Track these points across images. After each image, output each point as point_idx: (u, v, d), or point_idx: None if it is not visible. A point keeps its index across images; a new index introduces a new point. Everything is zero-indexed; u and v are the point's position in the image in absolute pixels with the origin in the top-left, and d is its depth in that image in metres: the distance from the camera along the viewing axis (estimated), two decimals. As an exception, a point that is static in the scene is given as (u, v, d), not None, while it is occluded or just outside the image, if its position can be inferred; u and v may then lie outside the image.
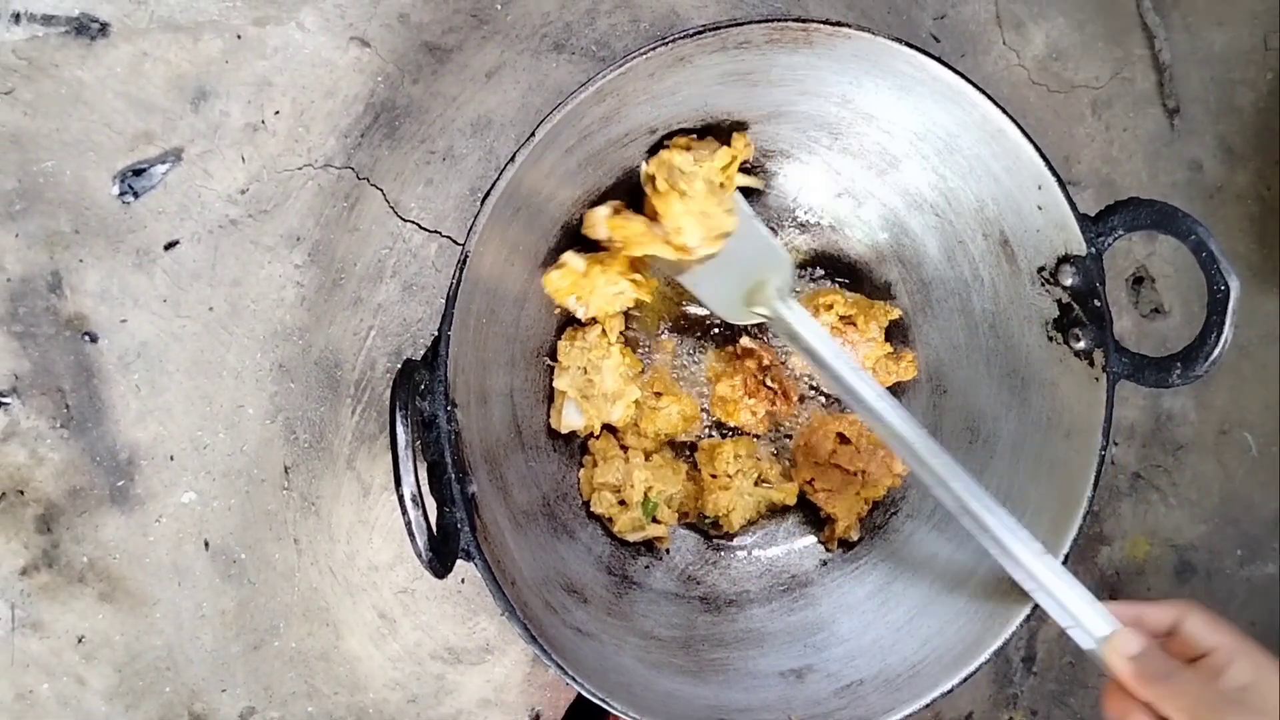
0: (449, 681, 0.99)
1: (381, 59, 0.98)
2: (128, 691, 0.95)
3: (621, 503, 0.93)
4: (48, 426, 0.93)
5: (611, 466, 0.93)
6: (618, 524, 0.93)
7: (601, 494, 0.93)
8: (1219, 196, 1.18)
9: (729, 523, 0.95)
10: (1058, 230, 0.80)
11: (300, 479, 0.97)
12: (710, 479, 0.95)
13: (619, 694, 0.75)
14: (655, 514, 0.93)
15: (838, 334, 0.95)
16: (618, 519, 0.93)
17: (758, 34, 0.77)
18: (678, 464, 0.96)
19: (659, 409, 0.94)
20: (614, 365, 0.90)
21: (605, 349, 0.90)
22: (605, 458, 0.93)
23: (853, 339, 0.95)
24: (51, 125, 0.93)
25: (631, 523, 0.92)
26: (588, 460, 0.95)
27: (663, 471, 0.93)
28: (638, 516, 0.92)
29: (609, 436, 0.95)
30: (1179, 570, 1.17)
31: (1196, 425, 1.18)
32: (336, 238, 0.97)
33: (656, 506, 0.93)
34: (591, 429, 0.93)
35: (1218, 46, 1.18)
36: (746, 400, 0.95)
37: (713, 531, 0.98)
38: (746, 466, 0.95)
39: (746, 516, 0.96)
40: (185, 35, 0.95)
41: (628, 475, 0.92)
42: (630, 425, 0.94)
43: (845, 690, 0.84)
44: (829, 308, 0.95)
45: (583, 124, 0.79)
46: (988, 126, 0.80)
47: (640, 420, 0.94)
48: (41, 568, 0.93)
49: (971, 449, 0.93)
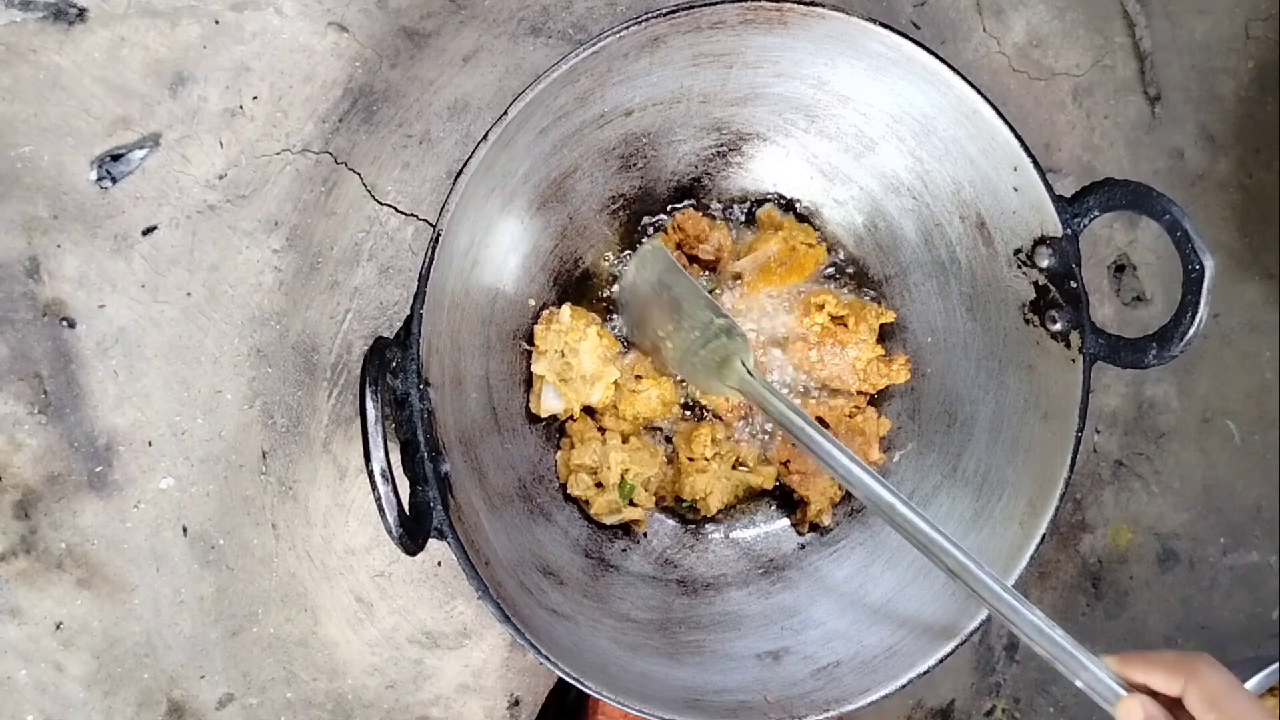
0: (427, 666, 0.99)
1: (359, 44, 0.98)
2: (106, 678, 0.95)
3: (599, 485, 0.93)
4: (25, 412, 0.93)
5: (589, 449, 0.92)
6: (594, 506, 0.93)
7: (578, 476, 0.92)
8: (1200, 184, 1.18)
9: (706, 506, 0.95)
10: (1034, 212, 0.81)
11: (278, 464, 0.96)
12: (688, 462, 0.95)
13: (594, 675, 0.75)
14: (632, 496, 0.93)
15: (828, 335, 0.95)
16: (594, 501, 0.93)
17: (732, 14, 0.77)
18: (655, 447, 0.96)
19: (639, 392, 0.94)
20: (591, 347, 0.90)
21: (582, 331, 0.90)
22: (583, 440, 0.93)
23: (843, 339, 0.95)
24: (29, 110, 0.93)
25: (608, 505, 0.92)
26: (565, 442, 0.95)
27: (640, 454, 0.93)
28: (614, 499, 0.92)
29: (586, 419, 0.95)
30: (1161, 558, 1.17)
31: (1179, 413, 1.18)
32: (314, 222, 0.97)
33: (634, 489, 0.93)
34: (570, 411, 0.93)
35: (1199, 34, 1.18)
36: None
37: (690, 515, 0.98)
38: (724, 450, 0.95)
39: (724, 500, 0.96)
40: (163, 20, 0.95)
41: (604, 457, 0.92)
42: (609, 407, 0.94)
43: (821, 672, 0.84)
44: (820, 308, 0.95)
45: (556, 104, 0.79)
46: (963, 108, 0.81)
47: (619, 403, 0.94)
48: (19, 554, 0.93)
49: (950, 432, 0.93)
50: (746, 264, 0.95)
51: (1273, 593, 1.21)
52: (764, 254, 0.95)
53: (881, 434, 0.96)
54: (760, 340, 0.97)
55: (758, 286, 0.96)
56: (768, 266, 0.95)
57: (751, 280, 0.96)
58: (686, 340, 0.90)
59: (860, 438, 0.95)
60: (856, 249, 0.98)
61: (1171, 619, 1.18)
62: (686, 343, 0.90)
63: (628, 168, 0.93)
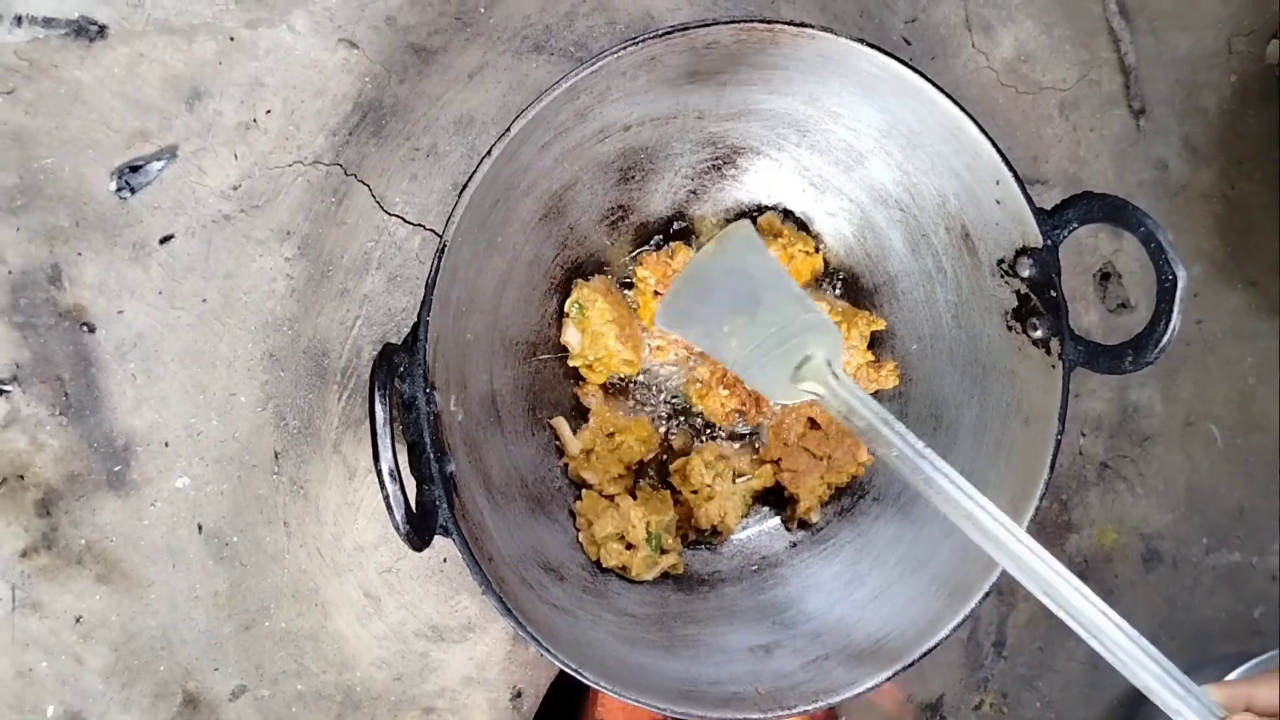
0: (433, 659, 1.02)
1: (369, 60, 1.02)
2: (124, 670, 0.98)
3: (629, 546, 0.95)
4: (47, 414, 0.96)
5: (607, 518, 0.95)
6: (634, 569, 0.95)
7: (608, 546, 0.95)
8: (1184, 195, 1.21)
9: (726, 527, 0.98)
10: (1015, 224, 0.84)
11: (289, 464, 1.00)
12: (692, 495, 0.97)
13: (593, 667, 0.78)
14: (662, 544, 0.95)
15: None
16: (632, 564, 0.95)
17: (725, 35, 0.80)
18: (662, 493, 0.99)
19: (619, 446, 0.97)
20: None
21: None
22: (597, 513, 0.96)
23: None
24: (51, 124, 0.96)
25: (645, 562, 0.95)
26: (581, 523, 0.97)
27: (652, 503, 0.96)
28: (648, 554, 0.94)
29: (590, 494, 0.98)
30: (1146, 558, 1.20)
31: (1163, 417, 1.21)
32: (325, 231, 1.00)
33: (660, 537, 0.95)
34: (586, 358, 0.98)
35: (1182, 50, 1.21)
36: (720, 390, 0.98)
37: (715, 540, 1.01)
38: (721, 469, 0.98)
39: (740, 514, 0.99)
40: (180, 37, 0.98)
41: (625, 518, 0.94)
42: (605, 477, 0.97)
43: (811, 664, 0.87)
44: (815, 313, 0.98)
45: (558, 120, 0.82)
46: (948, 124, 0.83)
47: (608, 468, 0.97)
48: (41, 550, 0.96)
49: (935, 434, 0.96)
50: None
51: (1254, 591, 1.24)
52: None
53: (870, 436, 0.99)
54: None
55: None
56: None
57: None
58: (760, 335, 0.83)
59: (850, 439, 0.98)
60: (846, 258, 1.01)
61: (1156, 617, 1.21)
62: (759, 338, 0.83)
63: (626, 180, 0.96)
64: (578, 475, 0.98)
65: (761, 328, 0.83)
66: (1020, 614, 1.16)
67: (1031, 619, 1.17)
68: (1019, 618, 1.17)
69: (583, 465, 0.97)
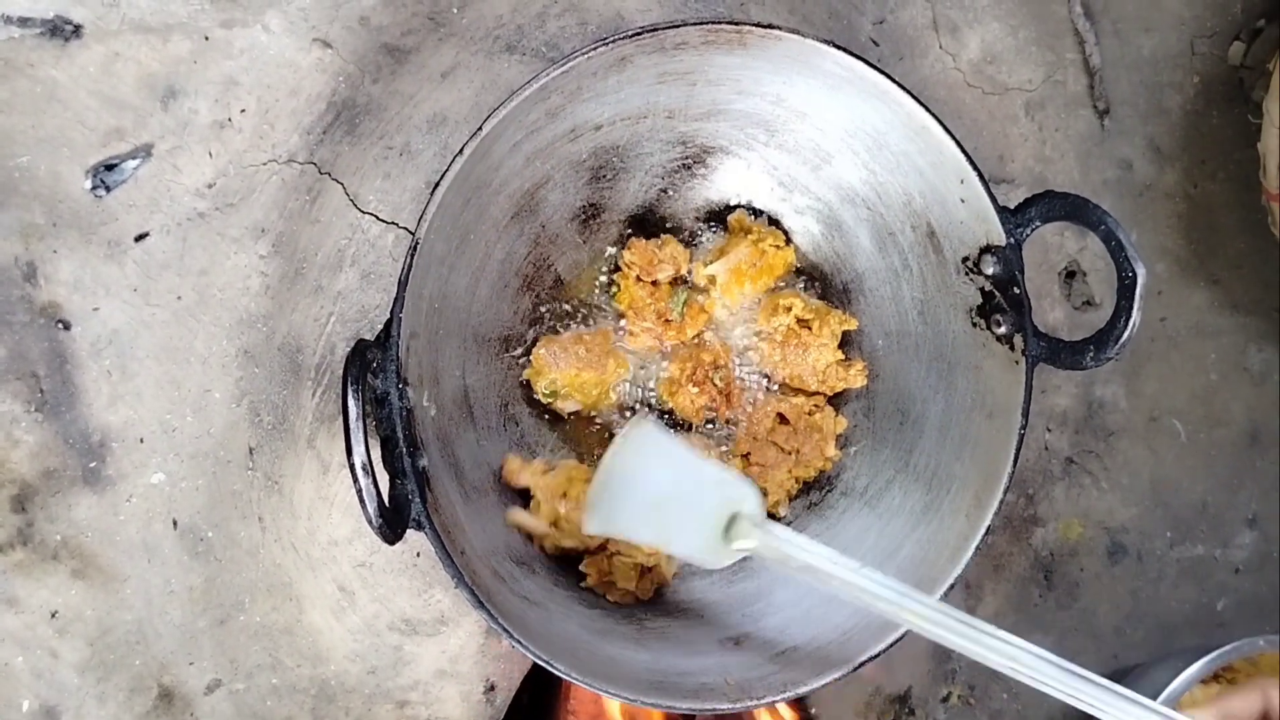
0: (406, 653, 1.03)
1: (343, 60, 1.02)
2: (99, 664, 0.98)
3: (648, 570, 0.96)
4: (22, 410, 0.96)
5: (625, 565, 0.95)
6: (639, 589, 0.96)
7: (625, 572, 0.95)
8: (1148, 194, 1.23)
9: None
10: (979, 222, 0.85)
11: (264, 459, 1.00)
12: None
13: (564, 658, 0.79)
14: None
15: (793, 336, 0.99)
16: (640, 585, 0.96)
17: (694, 36, 0.81)
18: None
19: (580, 497, 0.93)
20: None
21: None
22: (613, 557, 0.96)
23: (806, 341, 0.99)
24: (27, 122, 0.96)
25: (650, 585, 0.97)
26: (593, 577, 0.96)
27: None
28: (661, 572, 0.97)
29: (592, 559, 0.97)
30: (1111, 551, 1.22)
31: (1127, 413, 1.23)
32: (299, 229, 1.01)
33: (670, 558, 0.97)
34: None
35: (1146, 51, 1.23)
36: (690, 388, 0.99)
37: None
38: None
39: None
40: (155, 36, 0.99)
41: (636, 549, 0.94)
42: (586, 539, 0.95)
43: (780, 656, 0.88)
44: (787, 309, 1.00)
45: (529, 119, 0.83)
46: (913, 124, 0.85)
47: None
48: (16, 546, 0.96)
49: (902, 429, 0.97)
50: (719, 268, 0.99)
51: (1218, 584, 1.26)
52: (735, 257, 0.99)
53: (838, 431, 1.01)
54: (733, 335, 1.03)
55: (731, 290, 1.00)
56: (739, 269, 0.99)
57: (726, 284, 1.00)
58: (684, 513, 0.80)
59: (818, 434, 0.99)
60: (814, 255, 1.03)
61: (1121, 610, 1.23)
62: (684, 517, 0.80)
63: (597, 179, 0.98)
64: (558, 549, 0.96)
65: (685, 507, 0.80)
66: (987, 606, 1.18)
67: (998, 611, 1.19)
68: (986, 610, 1.18)
69: (560, 538, 0.94)
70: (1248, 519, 1.27)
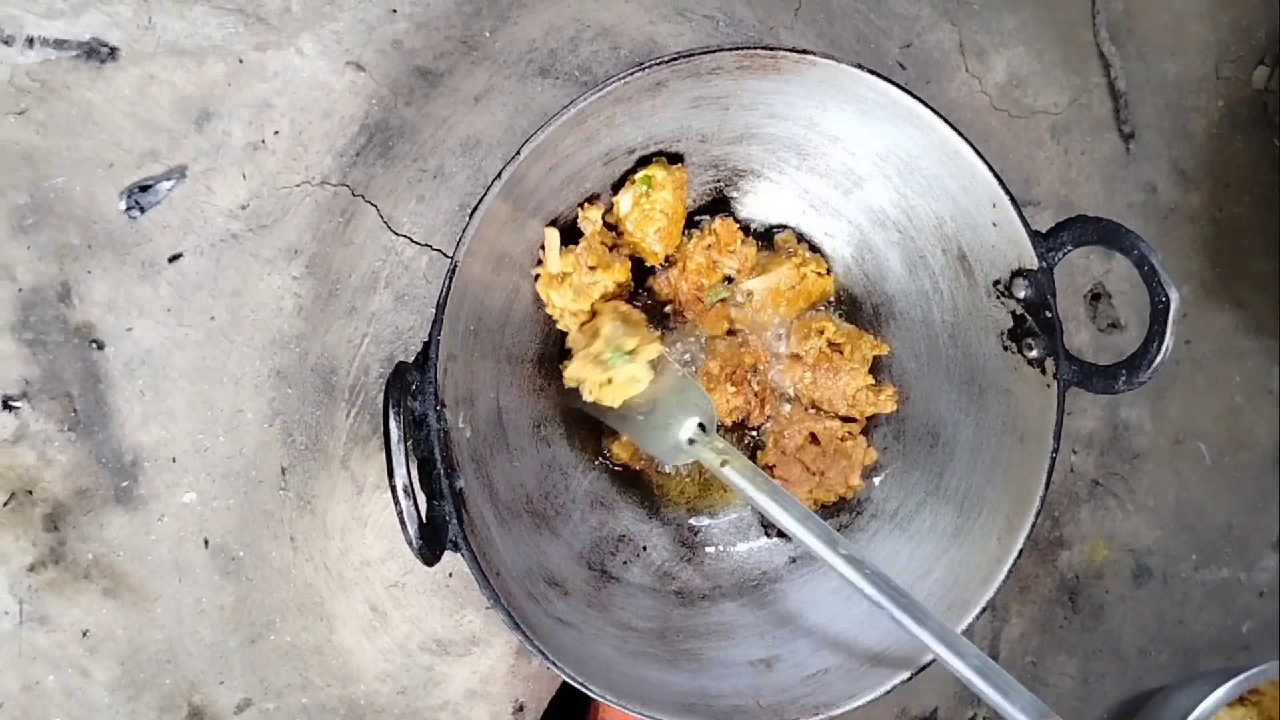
0: (437, 673, 1.03)
1: (376, 82, 1.03)
2: (130, 683, 0.99)
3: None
4: (56, 429, 0.97)
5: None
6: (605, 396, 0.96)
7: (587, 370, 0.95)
8: (1173, 217, 1.23)
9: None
10: (1011, 245, 0.85)
11: (296, 479, 1.01)
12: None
13: (597, 679, 0.79)
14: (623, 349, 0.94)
15: (824, 359, 1.00)
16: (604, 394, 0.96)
17: (729, 61, 0.82)
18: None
19: (593, 285, 0.95)
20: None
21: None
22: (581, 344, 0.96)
23: (837, 365, 1.00)
24: (63, 144, 0.97)
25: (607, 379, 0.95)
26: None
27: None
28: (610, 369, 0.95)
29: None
30: (1136, 574, 1.22)
31: (1152, 435, 1.23)
32: (332, 251, 1.02)
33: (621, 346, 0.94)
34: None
35: (1171, 75, 1.23)
36: (727, 386, 0.99)
37: None
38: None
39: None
40: (190, 59, 1.00)
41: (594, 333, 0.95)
42: (567, 307, 0.96)
43: (811, 678, 0.88)
44: (820, 332, 1.00)
45: (565, 144, 0.84)
46: (945, 148, 0.85)
47: (575, 300, 0.95)
48: (49, 564, 0.97)
49: (932, 452, 0.97)
50: (758, 284, 1.00)
51: (1242, 607, 1.26)
52: (776, 277, 0.99)
53: (867, 463, 1.01)
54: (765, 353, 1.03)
55: (765, 309, 1.00)
56: (778, 289, 0.99)
57: (761, 302, 1.00)
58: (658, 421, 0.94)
59: (845, 461, 0.99)
60: (845, 278, 1.03)
61: (1146, 632, 1.23)
62: (659, 423, 0.94)
63: (631, 202, 0.98)
64: (543, 292, 0.95)
65: (661, 416, 0.94)
66: (1013, 628, 1.18)
67: (1024, 633, 1.19)
68: (1011, 632, 1.18)
69: (551, 285, 0.94)
70: (1272, 542, 1.27)
